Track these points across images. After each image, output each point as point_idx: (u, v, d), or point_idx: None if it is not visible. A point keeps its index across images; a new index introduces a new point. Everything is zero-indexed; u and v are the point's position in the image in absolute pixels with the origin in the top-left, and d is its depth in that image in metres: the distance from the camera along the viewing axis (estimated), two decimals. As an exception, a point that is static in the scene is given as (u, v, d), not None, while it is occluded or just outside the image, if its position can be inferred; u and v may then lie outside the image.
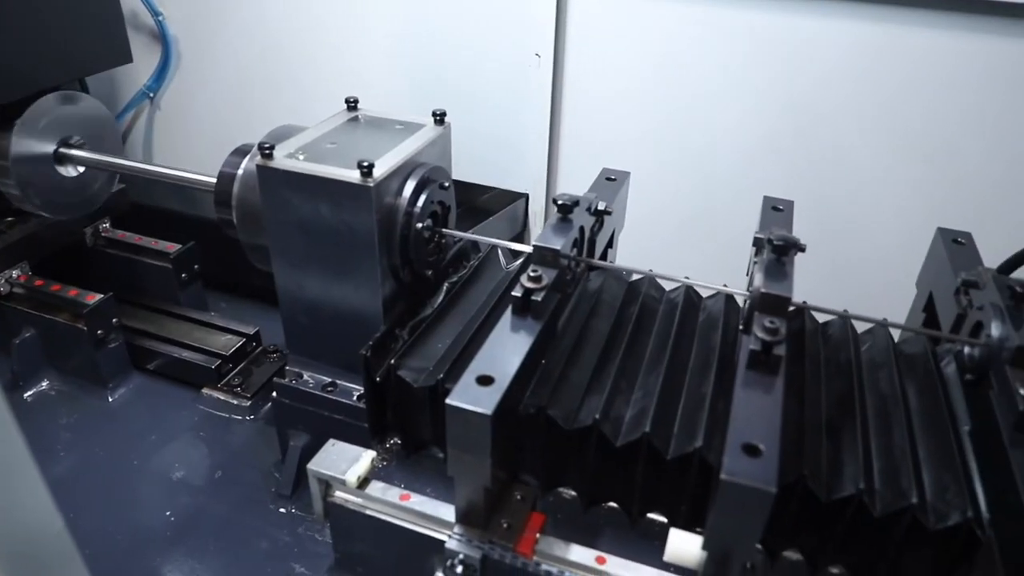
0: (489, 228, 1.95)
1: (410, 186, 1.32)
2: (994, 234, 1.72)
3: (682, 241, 2.08)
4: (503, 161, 2.13)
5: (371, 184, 1.23)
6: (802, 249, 1.30)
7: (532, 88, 1.98)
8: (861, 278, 1.95)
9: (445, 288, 1.52)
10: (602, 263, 1.45)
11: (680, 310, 1.40)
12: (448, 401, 0.97)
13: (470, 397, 0.97)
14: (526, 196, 2.15)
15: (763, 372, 1.03)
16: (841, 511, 1.07)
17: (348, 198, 1.26)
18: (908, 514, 1.04)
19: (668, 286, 1.51)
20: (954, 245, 1.43)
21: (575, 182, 1.56)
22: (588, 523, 1.34)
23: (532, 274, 1.14)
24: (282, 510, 1.58)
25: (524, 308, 1.13)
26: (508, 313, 1.15)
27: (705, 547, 0.94)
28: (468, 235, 1.48)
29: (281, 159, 1.31)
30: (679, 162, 2.00)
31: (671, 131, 1.97)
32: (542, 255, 1.19)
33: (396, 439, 1.43)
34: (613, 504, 1.29)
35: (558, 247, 1.19)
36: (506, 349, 1.07)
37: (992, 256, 1.77)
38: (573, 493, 1.30)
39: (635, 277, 1.52)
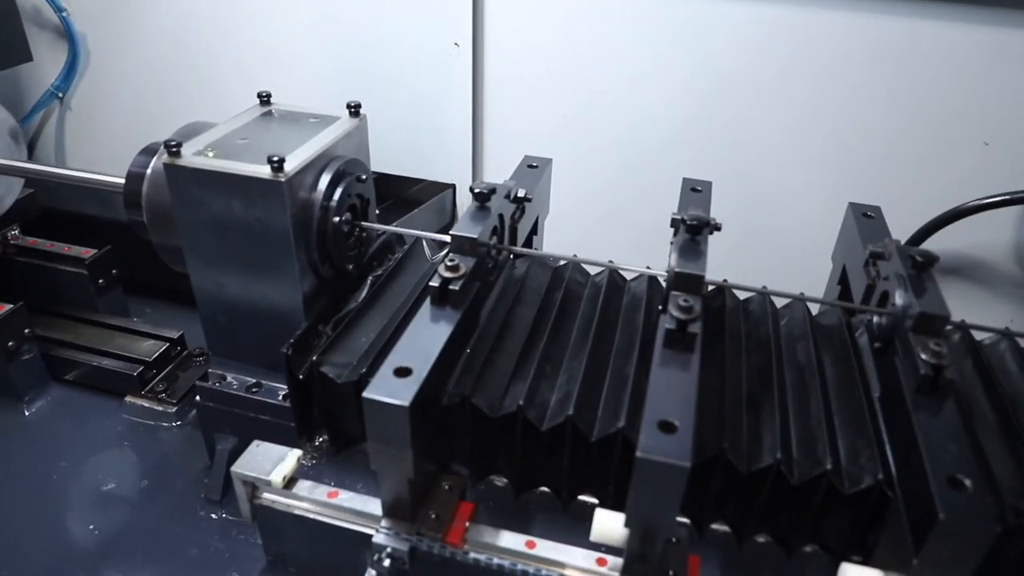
0: (416, 220, 1.93)
1: (325, 180, 1.30)
2: (906, 206, 1.79)
3: (609, 225, 2.10)
4: (428, 152, 2.11)
5: (283, 179, 1.20)
6: (717, 228, 1.33)
7: (452, 78, 1.97)
8: (781, 254, 1.99)
9: (369, 282, 1.50)
10: (524, 250, 1.45)
11: (604, 293, 1.42)
12: (365, 394, 0.96)
13: (387, 389, 0.96)
14: (452, 187, 2.14)
15: (679, 350, 1.05)
16: (761, 481, 1.10)
17: (260, 194, 1.23)
18: (824, 480, 1.07)
19: (594, 270, 1.53)
20: (864, 219, 1.48)
21: (502, 171, 1.56)
22: (520, 509, 1.35)
23: (449, 263, 1.14)
24: (213, 516, 1.54)
25: (442, 298, 1.13)
26: (427, 304, 1.14)
27: (627, 524, 0.96)
28: (389, 227, 1.47)
29: (189, 157, 1.28)
30: (603, 147, 2.01)
31: (594, 116, 1.98)
32: (460, 244, 1.19)
33: (325, 437, 1.41)
34: (545, 489, 1.30)
35: (475, 235, 1.18)
36: (424, 340, 1.07)
37: (906, 227, 1.85)
38: (505, 481, 1.31)
39: (562, 262, 1.53)
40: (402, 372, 0.99)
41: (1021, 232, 1.85)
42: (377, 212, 1.99)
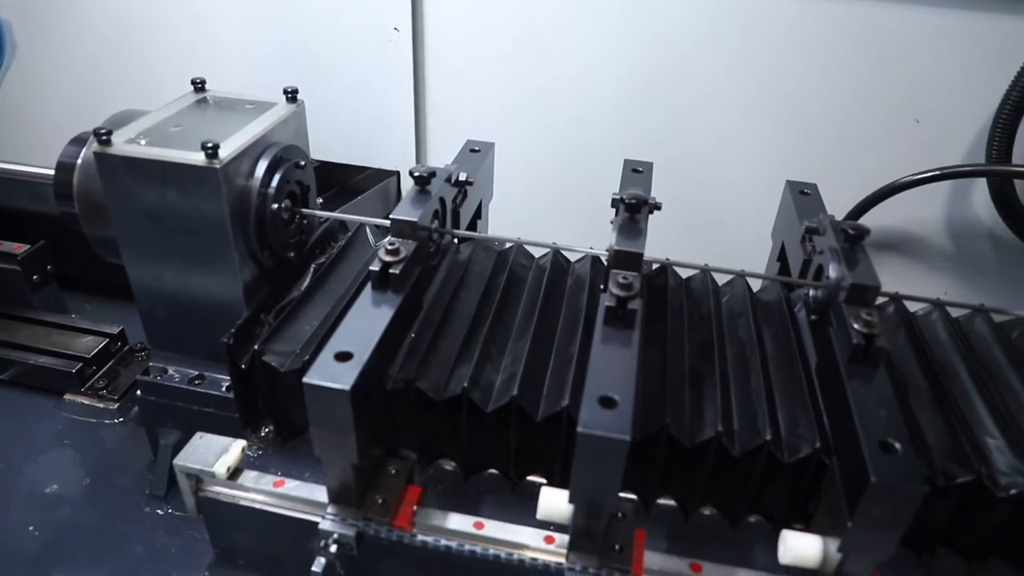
0: (360, 207, 1.91)
1: (262, 166, 1.28)
2: (843, 184, 1.83)
3: (556, 208, 2.10)
4: (371, 139, 2.09)
5: (218, 166, 1.18)
6: (657, 207, 1.34)
7: (393, 63, 1.94)
8: (724, 233, 2.03)
9: (312, 269, 1.48)
10: (468, 233, 1.45)
11: (548, 275, 1.42)
12: (305, 380, 0.95)
13: (328, 374, 0.96)
14: (397, 174, 2.12)
15: (619, 327, 1.06)
16: (703, 454, 1.12)
17: (194, 182, 1.20)
18: (764, 450, 1.09)
19: (538, 253, 1.53)
20: (801, 196, 1.51)
21: (447, 156, 1.55)
22: (470, 492, 1.36)
23: (389, 247, 1.13)
24: (159, 511, 1.52)
25: (383, 282, 1.12)
26: (368, 288, 1.13)
27: (571, 500, 0.96)
28: (331, 214, 1.45)
29: (121, 145, 1.24)
30: (548, 130, 2.01)
31: (539, 100, 1.98)
32: (400, 228, 1.18)
33: (271, 427, 1.39)
34: (494, 471, 1.30)
35: (415, 219, 1.18)
36: (365, 324, 1.06)
37: (843, 204, 1.89)
38: (454, 464, 1.31)
39: (508, 245, 1.53)
40: (343, 356, 0.99)
41: (953, 207, 1.91)
42: (320, 200, 1.97)
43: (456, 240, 1.54)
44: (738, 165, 1.96)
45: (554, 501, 1.01)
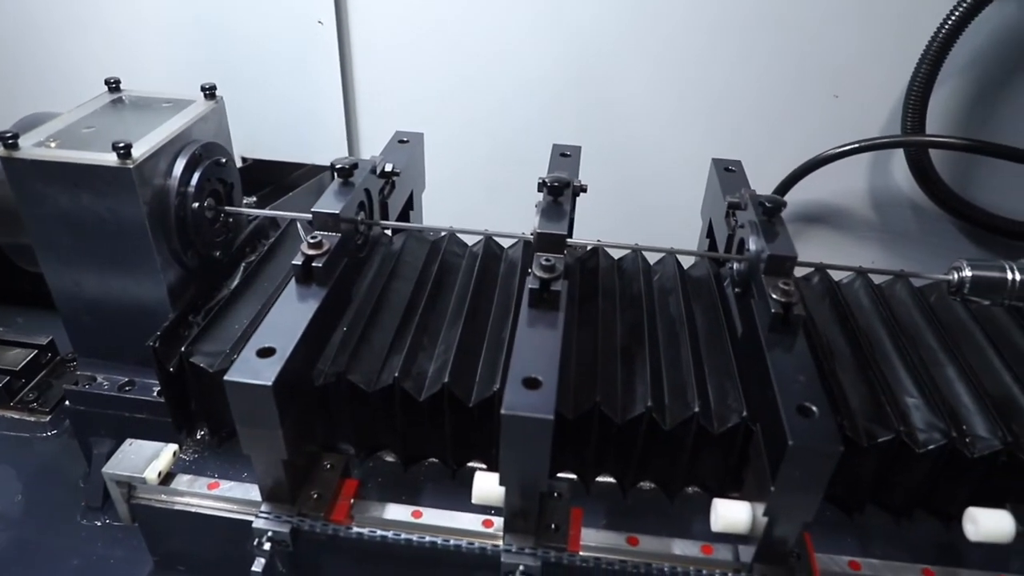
0: (292, 203, 1.89)
1: (180, 165, 1.25)
2: (769, 159, 1.87)
3: (491, 195, 2.11)
4: (303, 135, 2.07)
5: (131, 166, 1.15)
6: (583, 189, 1.36)
7: (319, 57, 1.92)
8: (657, 213, 2.06)
9: (242, 268, 1.46)
10: (396, 224, 1.45)
11: (480, 262, 1.43)
12: (226, 377, 0.94)
13: (249, 370, 0.94)
14: (330, 168, 2.10)
15: (544, 308, 1.07)
16: (636, 430, 1.14)
17: (108, 184, 1.17)
18: (693, 422, 1.11)
19: (472, 240, 1.54)
20: (726, 173, 1.53)
21: (380, 149, 1.54)
22: (411, 482, 1.36)
23: (311, 241, 1.12)
24: (96, 523, 1.48)
25: (306, 275, 1.11)
26: (292, 283, 1.12)
27: (502, 482, 0.97)
28: (256, 211, 1.43)
29: (29, 148, 1.20)
30: (480, 118, 2.02)
31: (469, 88, 1.98)
32: (322, 221, 1.17)
33: (206, 429, 1.37)
34: (433, 459, 1.30)
35: (337, 211, 1.17)
36: (289, 318, 1.05)
37: (770, 179, 1.93)
38: (394, 455, 1.30)
39: (443, 234, 1.53)
40: (265, 352, 0.98)
41: (874, 178, 1.96)
42: (254, 199, 1.93)
43: (391, 232, 1.53)
44: (667, 146, 1.99)
45: (487, 485, 1.02)
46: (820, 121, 1.89)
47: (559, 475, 1.26)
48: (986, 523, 1.05)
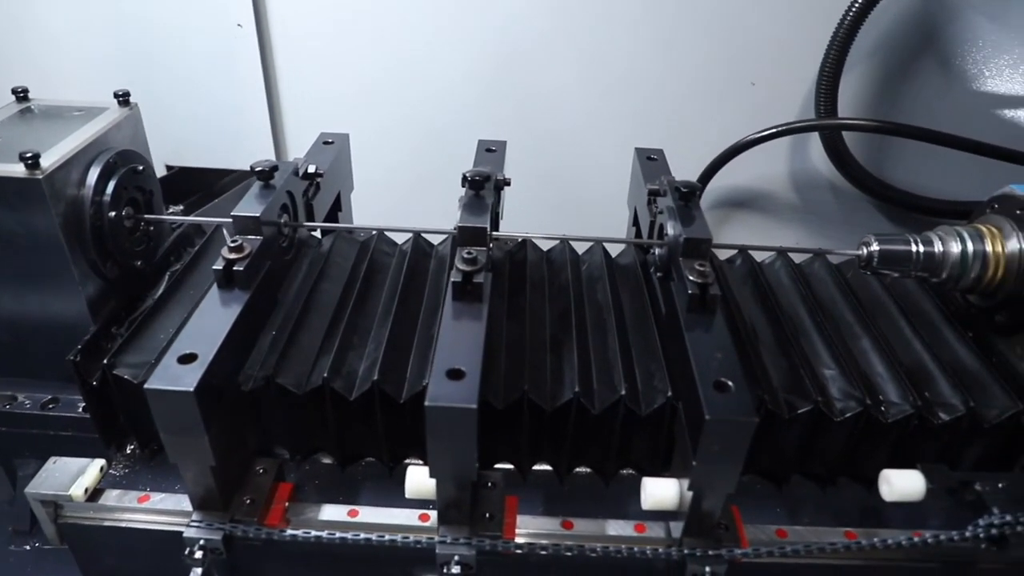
0: (219, 209, 1.86)
1: (95, 173, 1.23)
2: (692, 147, 1.91)
3: (421, 192, 2.11)
4: (228, 140, 2.04)
5: (40, 176, 1.13)
6: (506, 183, 1.38)
7: (240, 60, 1.90)
8: (587, 204, 2.09)
9: (167, 276, 1.44)
10: (322, 225, 1.45)
11: (409, 260, 1.43)
12: (146, 386, 0.93)
13: (169, 377, 0.93)
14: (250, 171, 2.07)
15: (468, 301, 1.08)
16: (565, 416, 1.16)
17: (17, 196, 1.14)
18: (621, 405, 1.14)
19: (402, 238, 1.54)
20: (648, 161, 1.57)
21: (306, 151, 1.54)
22: (348, 482, 1.35)
23: (232, 244, 1.11)
24: (25, 547, 1.44)
25: (228, 280, 1.10)
26: (213, 287, 1.11)
27: (432, 474, 0.98)
28: (181, 218, 1.41)
29: (-70, 163, 1.17)
30: (406, 115, 2.02)
31: (394, 86, 1.98)
32: (243, 224, 1.16)
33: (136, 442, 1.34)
34: (371, 459, 1.30)
35: (257, 214, 1.16)
36: (210, 323, 1.04)
37: (694, 166, 1.98)
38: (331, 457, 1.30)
39: (373, 233, 1.52)
40: (186, 359, 0.97)
41: (794, 161, 2.03)
42: (181, 207, 1.90)
43: (320, 234, 1.53)
44: (594, 137, 2.02)
45: (419, 478, 1.03)
46: (739, 108, 1.94)
47: (496, 466, 1.28)
48: (899, 483, 1.10)
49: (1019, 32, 1.83)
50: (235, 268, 1.09)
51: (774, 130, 1.85)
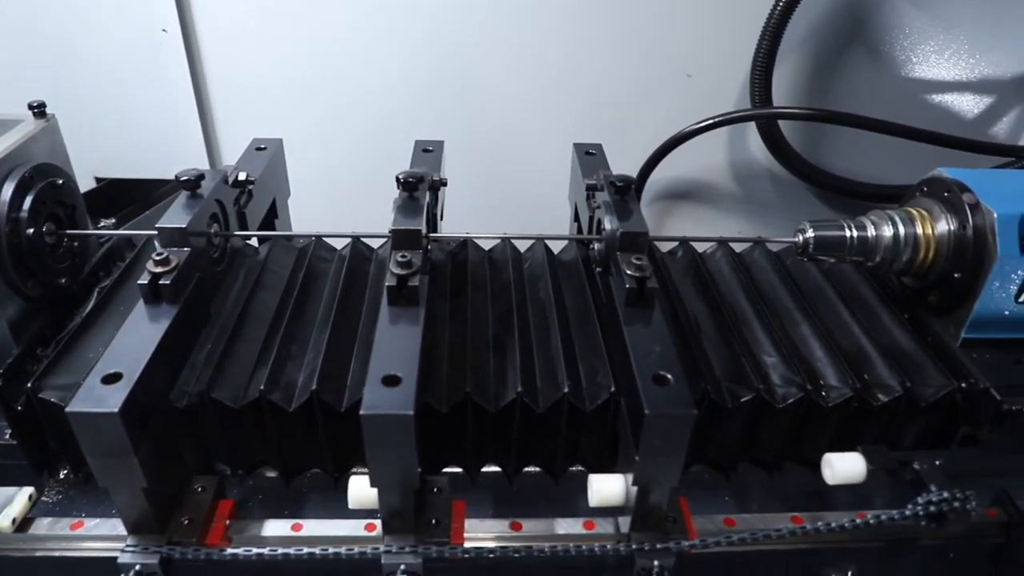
0: (151, 221, 1.80)
1: (9, 189, 1.18)
2: (631, 141, 1.92)
3: (361, 196, 2.06)
4: (160, 149, 1.98)
5: (-52, 194, 1.08)
6: (443, 183, 1.36)
7: (167, 66, 1.85)
8: (529, 201, 2.08)
9: (96, 293, 1.39)
10: (255, 233, 1.41)
11: (348, 265, 1.40)
12: (68, 409, 0.89)
13: (93, 399, 0.90)
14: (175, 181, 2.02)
15: (403, 305, 1.06)
16: (510, 416, 1.15)
17: (-75, 215, 1.09)
18: (565, 403, 1.13)
19: (341, 243, 1.51)
20: (587, 156, 1.56)
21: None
22: (293, 495, 1.33)
23: (157, 257, 1.08)
24: (-43, 586, 1.38)
25: (155, 294, 1.06)
26: (140, 303, 1.07)
27: (372, 483, 0.96)
28: (105, 231, 1.36)
29: None
30: (343, 117, 1.98)
31: (328, 88, 1.95)
32: (169, 236, 1.13)
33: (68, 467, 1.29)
34: (316, 470, 1.28)
35: (183, 225, 1.13)
36: (136, 341, 1.00)
37: (635, 160, 1.99)
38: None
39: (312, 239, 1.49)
40: (111, 379, 0.93)
41: (733, 152, 2.05)
42: (113, 220, 1.84)
43: (258, 242, 1.49)
44: (534, 134, 2.02)
45: (361, 488, 1.01)
46: (677, 101, 1.95)
47: (444, 470, 1.26)
48: (841, 467, 1.11)
49: (943, 19, 1.88)
50: (161, 282, 1.06)
51: (711, 121, 1.86)
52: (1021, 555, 1.18)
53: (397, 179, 1.21)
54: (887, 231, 1.29)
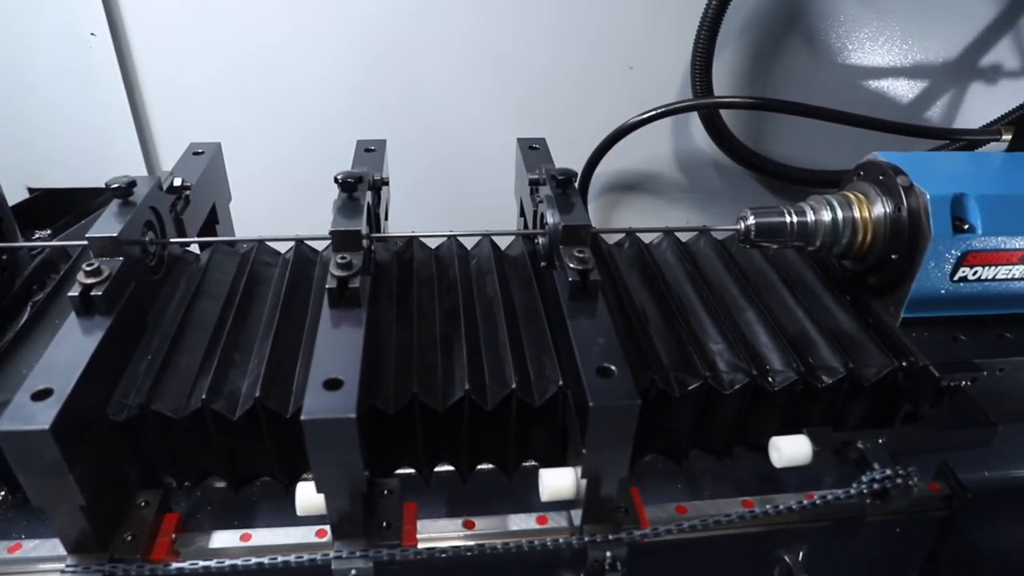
0: (86, 231, 1.75)
1: (-72, 203, 1.14)
2: (576, 134, 1.92)
3: (304, 197, 2.04)
4: (94, 157, 1.93)
5: None
6: (384, 183, 1.34)
7: (97, 71, 1.79)
8: (475, 198, 2.07)
9: (29, 307, 1.34)
10: (193, 239, 1.38)
11: (291, 269, 1.38)
12: (-6, 429, 0.86)
13: (22, 416, 0.87)
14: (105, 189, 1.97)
15: (344, 308, 1.05)
16: (459, 414, 1.14)
17: None
18: (513, 399, 1.13)
19: (285, 247, 1.49)
20: (530, 151, 1.56)
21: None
22: (243, 505, 1.30)
23: (88, 268, 1.04)
24: None
25: (86, 307, 1.03)
26: (72, 315, 1.04)
27: (318, 489, 0.95)
28: (36, 243, 1.32)
29: None
30: (282, 117, 1.95)
31: (265, 90, 1.91)
32: (100, 246, 1.09)
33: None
34: (266, 478, 1.25)
35: (115, 234, 1.10)
36: (68, 354, 0.97)
37: (580, 154, 1.99)
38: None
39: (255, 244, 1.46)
40: (41, 395, 0.90)
41: (677, 142, 2.07)
42: (48, 231, 1.79)
43: (199, 248, 1.46)
44: (477, 130, 2.01)
45: (307, 494, 1.00)
46: (620, 93, 1.96)
47: (397, 471, 1.25)
48: (787, 449, 1.13)
49: (876, 6, 1.91)
50: (93, 293, 1.03)
51: (653, 112, 1.87)
52: (964, 527, 1.21)
53: (335, 180, 1.20)
54: (826, 215, 1.31)
